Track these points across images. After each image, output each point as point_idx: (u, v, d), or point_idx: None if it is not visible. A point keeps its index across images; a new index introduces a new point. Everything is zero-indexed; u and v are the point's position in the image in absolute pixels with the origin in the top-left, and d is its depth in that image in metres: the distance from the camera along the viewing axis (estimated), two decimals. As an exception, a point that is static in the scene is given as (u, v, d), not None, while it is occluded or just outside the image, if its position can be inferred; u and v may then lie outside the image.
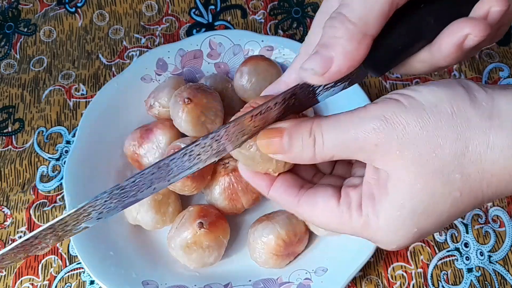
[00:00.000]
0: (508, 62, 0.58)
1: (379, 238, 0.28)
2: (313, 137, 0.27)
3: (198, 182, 0.47)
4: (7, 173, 0.55)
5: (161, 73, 0.57)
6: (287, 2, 0.64)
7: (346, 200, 0.28)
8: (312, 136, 0.27)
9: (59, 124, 0.58)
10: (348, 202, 0.28)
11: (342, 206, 0.28)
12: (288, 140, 0.28)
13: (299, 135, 0.27)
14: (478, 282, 0.48)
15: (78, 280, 0.49)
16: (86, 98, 0.59)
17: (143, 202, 0.47)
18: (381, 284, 0.48)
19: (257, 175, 0.31)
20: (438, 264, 0.49)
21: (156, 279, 0.47)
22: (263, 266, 0.47)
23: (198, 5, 0.65)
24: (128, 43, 0.62)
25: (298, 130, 0.28)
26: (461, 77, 0.58)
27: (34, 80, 0.61)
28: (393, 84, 0.58)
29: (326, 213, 0.28)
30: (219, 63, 0.58)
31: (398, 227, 0.27)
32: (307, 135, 0.27)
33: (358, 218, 0.27)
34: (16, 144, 0.57)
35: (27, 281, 0.49)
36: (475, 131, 0.24)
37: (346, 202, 0.28)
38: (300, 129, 0.28)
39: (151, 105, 0.52)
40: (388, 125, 0.25)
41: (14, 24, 0.65)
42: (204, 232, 0.45)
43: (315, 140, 0.27)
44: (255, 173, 0.31)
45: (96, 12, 0.65)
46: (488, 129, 0.24)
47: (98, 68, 0.61)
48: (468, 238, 0.49)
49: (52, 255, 0.51)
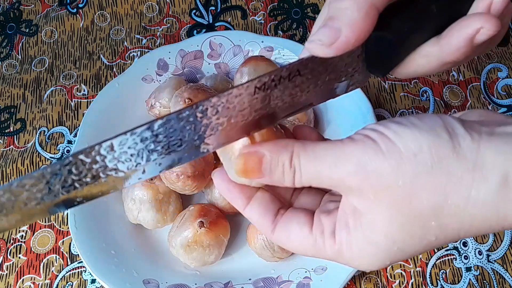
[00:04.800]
0: (506, 63, 0.58)
1: (353, 265, 0.27)
2: (293, 168, 0.26)
3: (199, 182, 0.47)
4: (8, 173, 0.55)
5: (162, 74, 0.57)
6: (286, 3, 0.65)
7: (319, 227, 0.27)
8: (292, 168, 0.26)
9: (61, 124, 0.58)
10: (321, 229, 0.27)
11: (315, 232, 0.27)
12: (269, 167, 0.27)
13: (280, 163, 0.27)
14: (477, 281, 0.48)
15: (80, 279, 0.50)
16: (87, 98, 0.59)
17: (144, 201, 0.48)
18: (380, 283, 0.48)
19: (234, 187, 0.29)
20: (437, 263, 0.49)
21: (157, 277, 0.47)
22: (261, 256, 0.47)
23: (199, 6, 0.65)
24: (129, 43, 0.63)
25: (279, 159, 0.27)
26: (459, 78, 0.58)
27: (35, 80, 0.61)
28: (392, 84, 0.58)
29: (300, 241, 0.28)
30: (219, 64, 0.58)
31: (371, 259, 0.26)
32: (288, 164, 0.26)
33: (332, 245, 0.27)
34: (18, 144, 0.57)
35: (29, 280, 0.50)
36: (456, 184, 0.23)
37: (319, 229, 0.27)
38: (281, 158, 0.27)
39: (152, 105, 0.53)
40: (362, 172, 0.24)
41: (16, 25, 0.65)
42: (205, 231, 0.45)
43: (295, 170, 0.26)
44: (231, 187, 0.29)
45: (97, 13, 0.65)
46: (470, 182, 0.23)
47: (100, 69, 0.61)
48: (466, 237, 0.50)
49: (53, 254, 0.51)
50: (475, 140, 0.23)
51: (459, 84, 0.58)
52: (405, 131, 0.24)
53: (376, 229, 0.25)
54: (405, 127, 0.24)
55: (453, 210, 0.23)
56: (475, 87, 0.57)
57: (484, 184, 0.23)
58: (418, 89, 0.58)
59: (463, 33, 0.25)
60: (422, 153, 0.24)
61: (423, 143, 0.24)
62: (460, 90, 0.57)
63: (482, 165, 0.23)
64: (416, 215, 0.24)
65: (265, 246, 0.46)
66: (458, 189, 0.23)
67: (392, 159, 0.24)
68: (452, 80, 0.58)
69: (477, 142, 0.23)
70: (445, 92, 0.57)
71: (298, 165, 0.26)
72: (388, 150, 0.24)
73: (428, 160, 0.23)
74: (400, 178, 0.24)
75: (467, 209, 0.23)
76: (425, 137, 0.24)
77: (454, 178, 0.23)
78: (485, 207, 0.23)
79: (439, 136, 0.24)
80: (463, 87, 0.58)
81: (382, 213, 0.25)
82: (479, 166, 0.23)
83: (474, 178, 0.23)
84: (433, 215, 0.24)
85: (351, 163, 0.25)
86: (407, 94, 0.57)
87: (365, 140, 0.25)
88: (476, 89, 0.57)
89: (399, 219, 0.25)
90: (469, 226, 0.24)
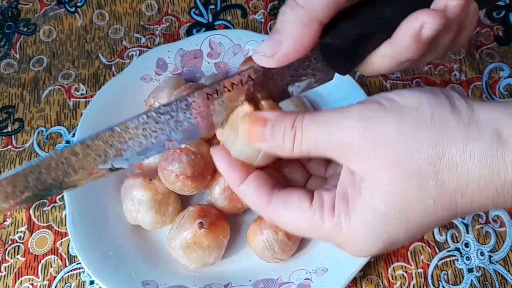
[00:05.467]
0: (508, 62, 0.58)
1: (349, 243, 0.27)
2: (294, 130, 0.27)
3: (198, 182, 0.47)
4: (6, 173, 0.55)
5: (161, 73, 0.57)
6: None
7: (319, 201, 0.28)
8: (293, 130, 0.27)
9: (59, 124, 0.57)
10: (321, 203, 0.27)
11: (314, 207, 0.27)
12: (271, 129, 0.28)
13: (282, 127, 0.27)
14: (479, 282, 0.48)
15: (78, 280, 0.49)
16: (86, 98, 0.59)
17: (143, 201, 0.47)
18: (381, 284, 0.48)
19: (232, 164, 0.30)
20: (439, 264, 0.49)
21: (156, 279, 0.47)
22: (261, 257, 0.46)
23: (198, 4, 0.65)
24: (128, 42, 0.62)
25: (282, 122, 0.28)
26: (461, 77, 0.58)
27: (33, 80, 0.60)
28: (394, 83, 0.58)
29: (298, 214, 0.28)
30: (219, 63, 0.58)
31: (369, 231, 0.26)
32: (290, 128, 0.27)
33: (330, 220, 0.27)
34: (16, 144, 0.57)
35: (27, 281, 0.49)
36: (453, 138, 0.24)
37: (319, 203, 0.27)
38: (284, 121, 0.28)
39: (151, 105, 0.52)
40: (364, 126, 0.25)
41: (14, 24, 0.65)
42: (204, 232, 0.45)
43: (296, 133, 0.27)
44: (231, 162, 0.30)
45: (96, 11, 0.65)
46: (466, 137, 0.24)
47: (98, 68, 0.61)
48: (468, 238, 0.49)
49: (52, 255, 0.51)
50: (469, 103, 0.25)
51: (461, 83, 0.57)
52: (407, 93, 0.26)
53: (374, 192, 0.25)
54: (408, 90, 0.26)
55: (450, 163, 0.24)
56: (477, 87, 0.57)
57: (478, 139, 0.24)
58: (419, 88, 0.57)
59: (408, 29, 0.26)
60: (422, 106, 0.25)
61: (423, 100, 0.25)
62: (462, 90, 0.57)
63: (476, 122, 0.24)
64: (416, 171, 0.24)
65: (266, 247, 0.45)
66: (455, 142, 0.24)
67: (395, 114, 0.25)
68: (454, 80, 0.58)
69: (471, 104, 0.25)
70: (447, 92, 0.57)
71: (300, 127, 0.27)
72: (392, 107, 0.25)
73: (428, 114, 0.25)
74: (401, 131, 0.25)
75: (463, 162, 0.24)
76: (425, 96, 0.25)
77: (451, 132, 0.24)
78: (480, 162, 0.24)
79: (438, 96, 0.25)
80: (465, 87, 0.57)
81: (381, 173, 0.25)
82: (474, 123, 0.24)
83: (469, 133, 0.24)
84: (432, 171, 0.24)
85: (353, 119, 0.26)
86: (409, 94, 0.57)
87: (369, 102, 0.26)
88: (478, 88, 0.57)
89: (398, 179, 0.25)
90: (465, 185, 0.24)
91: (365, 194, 0.26)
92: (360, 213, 0.26)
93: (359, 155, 0.25)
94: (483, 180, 0.24)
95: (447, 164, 0.24)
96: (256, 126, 0.28)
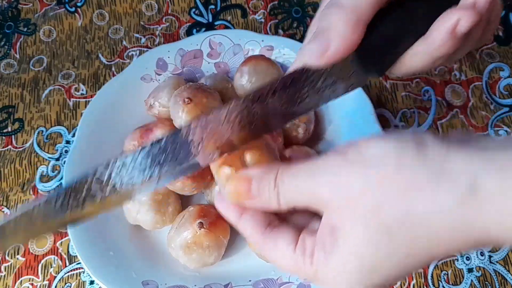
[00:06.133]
0: (508, 62, 0.58)
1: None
2: (277, 188, 0.27)
3: (198, 182, 0.47)
4: (6, 173, 0.55)
5: (161, 73, 0.57)
6: (287, 2, 0.64)
7: (302, 246, 0.28)
8: (276, 188, 0.27)
9: (59, 124, 0.57)
10: (303, 249, 0.27)
11: (297, 252, 0.28)
12: (257, 187, 0.28)
13: (266, 184, 0.27)
14: (479, 282, 0.48)
15: (78, 280, 0.49)
16: (86, 98, 0.59)
17: (143, 202, 0.47)
18: (382, 284, 0.48)
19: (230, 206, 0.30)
20: (439, 264, 0.49)
21: (156, 279, 0.47)
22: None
23: (198, 4, 0.65)
24: (128, 42, 0.62)
25: (266, 178, 0.28)
26: (461, 78, 0.58)
27: (33, 80, 0.60)
28: (394, 84, 0.57)
29: (284, 257, 0.28)
30: (219, 63, 0.58)
31: (344, 282, 0.26)
32: (273, 184, 0.27)
33: (309, 266, 0.27)
34: (15, 144, 0.57)
35: (27, 281, 0.49)
36: (421, 188, 0.23)
37: (302, 249, 0.27)
38: (267, 177, 0.28)
39: (151, 105, 0.52)
40: (332, 181, 0.25)
41: (14, 24, 0.65)
42: (204, 232, 0.45)
43: (279, 190, 0.27)
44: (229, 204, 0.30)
45: (96, 11, 0.65)
46: (436, 187, 0.23)
47: (98, 68, 0.61)
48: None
49: (52, 255, 0.51)
50: (443, 146, 0.23)
51: (461, 83, 0.57)
52: (372, 141, 0.25)
53: (348, 245, 0.25)
54: (372, 140, 0.25)
55: (419, 218, 0.23)
56: (477, 87, 0.57)
57: (450, 190, 0.22)
58: (419, 88, 0.57)
59: (444, 27, 0.27)
60: (387, 157, 0.24)
61: (387, 149, 0.24)
62: (462, 90, 0.57)
63: (450, 171, 0.23)
64: (384, 227, 0.24)
65: None
66: (424, 194, 0.23)
67: (359, 168, 0.24)
68: (454, 80, 0.58)
69: (446, 148, 0.23)
70: (447, 92, 0.57)
71: (282, 184, 0.27)
72: (357, 160, 0.25)
73: (392, 164, 0.24)
74: (366, 186, 0.24)
75: (433, 216, 0.23)
76: (390, 144, 0.24)
77: (419, 181, 0.23)
78: (452, 214, 0.22)
79: (405, 142, 0.24)
80: (465, 87, 0.57)
81: (355, 225, 0.25)
82: (447, 171, 0.23)
83: (440, 182, 0.23)
84: (400, 226, 0.23)
85: (321, 175, 0.26)
86: (409, 94, 0.57)
87: (337, 154, 0.26)
88: (478, 88, 0.57)
89: (367, 234, 0.24)
90: (438, 238, 0.23)
91: (341, 246, 0.26)
92: (336, 265, 0.26)
93: (332, 208, 0.26)
94: (458, 231, 0.23)
95: (416, 217, 0.23)
96: (241, 187, 0.28)
